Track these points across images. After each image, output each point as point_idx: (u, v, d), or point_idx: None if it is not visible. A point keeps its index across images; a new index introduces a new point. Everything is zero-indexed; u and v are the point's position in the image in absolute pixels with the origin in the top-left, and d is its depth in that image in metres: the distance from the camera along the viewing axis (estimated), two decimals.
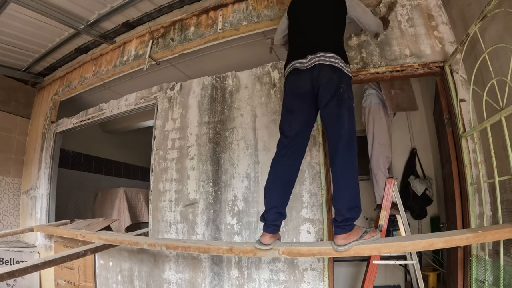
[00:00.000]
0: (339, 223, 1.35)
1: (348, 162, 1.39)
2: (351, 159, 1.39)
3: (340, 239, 1.35)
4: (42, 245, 3.38)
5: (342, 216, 1.34)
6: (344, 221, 1.34)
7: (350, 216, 1.34)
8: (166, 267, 2.46)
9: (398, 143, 3.47)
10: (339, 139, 1.40)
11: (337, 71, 1.47)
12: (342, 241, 1.35)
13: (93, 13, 2.96)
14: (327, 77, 1.45)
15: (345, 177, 1.38)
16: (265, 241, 1.47)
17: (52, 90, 3.96)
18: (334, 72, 1.46)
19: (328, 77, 1.45)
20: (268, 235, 1.48)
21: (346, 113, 1.42)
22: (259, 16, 2.55)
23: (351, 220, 1.35)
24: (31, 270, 1.83)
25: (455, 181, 1.99)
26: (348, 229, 1.35)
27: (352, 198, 1.37)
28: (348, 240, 1.35)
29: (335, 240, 1.37)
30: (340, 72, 1.47)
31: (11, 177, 3.86)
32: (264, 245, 1.47)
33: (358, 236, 1.37)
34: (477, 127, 1.62)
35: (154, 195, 2.66)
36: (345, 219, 1.34)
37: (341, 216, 1.35)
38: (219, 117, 2.52)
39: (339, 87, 1.44)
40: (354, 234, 1.36)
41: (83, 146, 4.79)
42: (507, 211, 1.52)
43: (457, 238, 1.34)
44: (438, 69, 2.03)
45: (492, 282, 1.49)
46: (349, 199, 1.36)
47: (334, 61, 1.46)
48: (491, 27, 1.61)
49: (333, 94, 1.44)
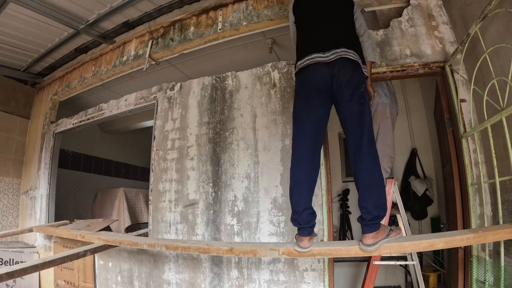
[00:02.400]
0: (367, 222, 1.33)
1: (373, 160, 1.38)
2: (375, 157, 1.38)
3: (369, 238, 1.33)
4: (41, 245, 3.37)
5: (371, 215, 1.32)
6: (372, 220, 1.32)
7: (378, 214, 1.32)
8: (166, 268, 2.45)
9: (399, 143, 3.46)
10: (362, 138, 1.39)
11: (358, 70, 1.46)
12: (371, 240, 1.33)
13: (93, 13, 2.95)
14: (348, 74, 1.44)
15: (372, 175, 1.36)
16: (304, 244, 1.43)
17: (52, 90, 3.96)
18: (355, 70, 1.45)
19: (350, 75, 1.44)
20: (306, 238, 1.43)
21: (367, 111, 1.42)
22: (259, 16, 2.54)
23: (379, 218, 1.33)
24: (31, 270, 1.83)
25: (455, 182, 1.98)
26: (376, 227, 1.33)
27: (380, 196, 1.35)
28: (377, 238, 1.33)
29: (363, 240, 1.35)
30: (360, 72, 1.47)
31: (11, 178, 3.85)
32: (305, 248, 1.43)
33: (385, 234, 1.35)
34: (477, 127, 1.62)
35: (153, 195, 2.66)
36: (374, 217, 1.32)
37: (369, 214, 1.32)
38: (219, 117, 2.51)
39: (359, 86, 1.44)
40: (381, 232, 1.35)
41: (83, 146, 4.78)
42: (508, 212, 1.52)
43: (457, 239, 1.34)
44: (438, 69, 2.02)
45: (493, 283, 1.49)
46: (377, 197, 1.34)
47: (357, 59, 1.46)
48: (492, 27, 1.61)
49: (355, 92, 1.42)
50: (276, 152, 2.23)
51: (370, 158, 1.37)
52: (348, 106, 1.44)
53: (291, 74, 2.33)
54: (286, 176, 2.16)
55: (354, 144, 1.41)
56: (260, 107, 2.38)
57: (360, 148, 1.38)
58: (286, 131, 2.23)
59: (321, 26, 1.61)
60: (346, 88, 1.43)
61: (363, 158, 1.37)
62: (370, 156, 1.37)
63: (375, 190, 1.35)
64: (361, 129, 1.40)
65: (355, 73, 1.45)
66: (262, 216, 2.18)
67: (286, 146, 2.21)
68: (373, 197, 1.34)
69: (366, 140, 1.38)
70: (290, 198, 1.46)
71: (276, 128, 2.27)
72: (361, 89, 1.44)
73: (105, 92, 3.93)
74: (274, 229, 2.13)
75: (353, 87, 1.43)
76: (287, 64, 2.36)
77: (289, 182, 1.48)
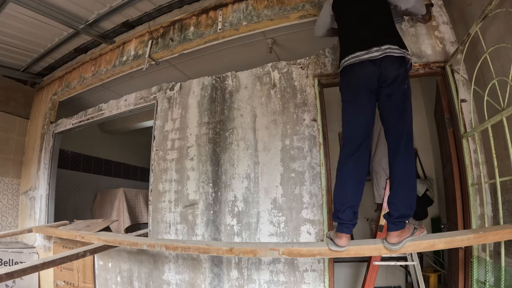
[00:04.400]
0: (394, 219, 1.33)
1: (409, 158, 1.39)
2: (411, 156, 1.40)
3: (394, 236, 1.33)
4: (41, 246, 3.37)
5: (399, 212, 1.33)
6: (399, 217, 1.33)
7: (406, 213, 1.33)
8: (166, 268, 2.45)
9: None
10: (401, 135, 1.40)
11: (403, 66, 1.46)
12: (396, 239, 1.33)
13: (93, 13, 2.95)
14: (394, 71, 1.44)
15: (407, 173, 1.37)
16: (342, 243, 1.40)
17: (51, 90, 3.95)
18: (400, 66, 1.46)
19: (396, 72, 1.44)
20: (346, 236, 1.41)
21: (409, 108, 1.43)
22: (259, 16, 2.54)
23: (407, 217, 1.34)
24: (30, 271, 1.82)
25: (456, 182, 1.98)
26: (402, 225, 1.34)
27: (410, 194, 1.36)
28: (402, 237, 1.33)
29: (388, 238, 1.35)
30: (404, 68, 1.47)
31: (10, 178, 3.84)
32: (342, 247, 1.41)
33: (410, 232, 1.36)
34: (478, 127, 1.62)
35: (153, 195, 2.65)
36: (401, 215, 1.32)
37: (397, 211, 1.33)
38: (219, 118, 2.51)
39: (403, 83, 1.44)
40: (406, 231, 1.35)
41: (82, 146, 4.78)
42: (508, 212, 1.51)
43: (458, 239, 1.34)
44: (439, 69, 2.02)
45: (493, 283, 1.48)
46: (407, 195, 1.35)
47: (402, 52, 1.47)
48: (492, 27, 1.61)
49: (398, 89, 1.43)
50: (276, 153, 2.23)
51: (407, 156, 1.39)
52: (390, 102, 1.45)
53: (291, 74, 2.32)
54: (286, 177, 2.16)
55: (392, 141, 1.43)
56: (260, 107, 2.37)
57: (399, 146, 1.39)
58: (286, 131, 2.23)
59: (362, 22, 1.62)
60: (390, 85, 1.44)
61: (400, 155, 1.38)
62: (407, 155, 1.39)
63: (406, 188, 1.36)
64: (402, 127, 1.41)
65: (400, 69, 1.46)
66: (262, 216, 2.18)
67: (286, 146, 2.20)
68: (403, 194, 1.35)
69: (407, 138, 1.39)
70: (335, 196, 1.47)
71: (276, 128, 2.27)
72: (405, 85, 1.44)
73: (105, 92, 3.92)
74: (274, 230, 2.13)
75: (397, 84, 1.44)
76: (287, 64, 2.36)
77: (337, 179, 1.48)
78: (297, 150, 2.17)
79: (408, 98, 1.44)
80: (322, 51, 2.29)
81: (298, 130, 2.20)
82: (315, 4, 2.33)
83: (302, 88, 2.27)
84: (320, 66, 2.26)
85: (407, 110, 1.43)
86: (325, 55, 2.27)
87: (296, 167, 2.14)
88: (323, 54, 2.28)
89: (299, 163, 2.14)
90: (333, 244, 1.42)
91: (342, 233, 1.41)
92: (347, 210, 1.42)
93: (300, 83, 2.28)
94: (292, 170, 2.15)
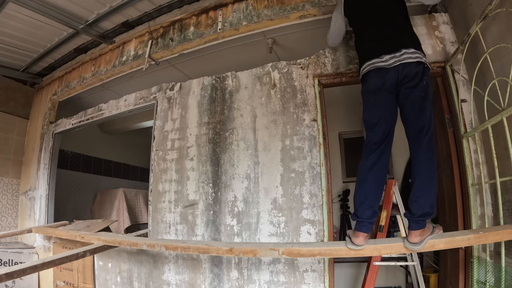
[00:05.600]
0: (417, 218, 1.33)
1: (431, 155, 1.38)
2: (434, 152, 1.39)
3: (416, 235, 1.33)
4: (40, 246, 3.36)
5: (422, 210, 1.32)
6: (422, 216, 1.32)
7: (429, 211, 1.32)
8: (166, 268, 2.44)
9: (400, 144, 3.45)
10: (421, 132, 1.40)
11: (421, 65, 1.46)
12: (418, 238, 1.32)
13: (92, 13, 2.95)
14: (412, 72, 1.45)
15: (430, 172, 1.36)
16: (359, 242, 1.39)
17: (51, 91, 3.95)
18: (417, 66, 1.46)
19: (414, 73, 1.45)
20: (363, 235, 1.40)
21: (429, 105, 1.43)
22: (259, 16, 2.54)
23: (429, 215, 1.33)
24: (30, 271, 1.82)
25: (456, 182, 1.98)
26: (423, 224, 1.34)
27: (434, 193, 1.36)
28: (423, 236, 1.33)
29: (409, 237, 1.35)
30: (423, 66, 1.47)
31: (10, 178, 3.84)
32: (358, 246, 1.40)
33: (430, 231, 1.36)
34: (478, 127, 1.62)
35: (153, 196, 2.65)
36: (424, 213, 1.32)
37: (420, 209, 1.32)
38: (219, 118, 2.50)
39: (422, 80, 1.44)
40: (426, 230, 1.35)
41: (82, 146, 4.77)
42: (509, 212, 1.51)
43: (458, 239, 1.34)
44: (439, 69, 2.02)
45: (494, 284, 1.48)
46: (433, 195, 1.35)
47: (418, 56, 1.47)
48: (493, 27, 1.60)
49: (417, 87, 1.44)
50: (276, 153, 2.22)
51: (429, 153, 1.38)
52: (409, 99, 1.45)
53: (291, 74, 2.32)
54: (286, 177, 2.16)
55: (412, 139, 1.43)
56: (260, 107, 2.37)
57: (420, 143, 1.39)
58: (286, 132, 2.23)
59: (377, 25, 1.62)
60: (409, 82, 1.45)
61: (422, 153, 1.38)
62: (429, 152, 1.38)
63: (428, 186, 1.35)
64: (422, 124, 1.41)
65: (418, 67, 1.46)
66: (262, 216, 2.18)
67: (286, 147, 2.20)
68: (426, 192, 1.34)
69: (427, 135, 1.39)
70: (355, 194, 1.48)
71: (276, 129, 2.27)
72: (424, 81, 1.45)
73: (105, 92, 3.92)
74: (274, 230, 2.13)
75: (418, 80, 1.44)
76: (287, 64, 2.36)
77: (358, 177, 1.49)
78: (297, 150, 2.17)
79: (427, 94, 1.44)
80: (322, 51, 2.29)
81: (298, 130, 2.20)
82: (315, 4, 2.33)
83: (302, 88, 2.26)
84: (320, 66, 2.26)
85: (427, 107, 1.43)
86: (325, 55, 2.27)
87: (296, 167, 2.14)
88: (323, 54, 2.28)
89: (299, 163, 2.14)
90: (351, 242, 1.42)
91: (359, 232, 1.41)
92: (365, 208, 1.42)
93: (300, 83, 2.28)
94: (292, 170, 2.15)
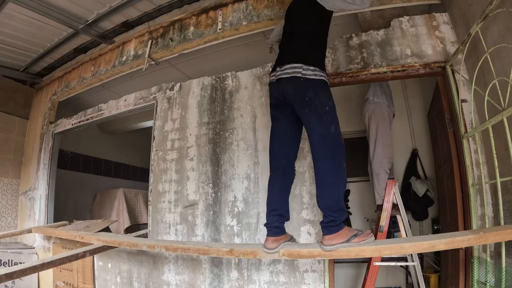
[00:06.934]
0: (325, 224, 1.38)
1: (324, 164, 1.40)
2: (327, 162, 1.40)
3: (326, 239, 1.37)
4: (40, 246, 3.36)
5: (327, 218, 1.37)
6: (329, 223, 1.36)
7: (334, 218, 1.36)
8: (166, 269, 2.44)
9: (399, 144, 3.46)
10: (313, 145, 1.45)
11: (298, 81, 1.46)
12: (327, 242, 1.37)
13: (92, 13, 2.94)
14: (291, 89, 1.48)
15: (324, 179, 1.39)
16: (267, 245, 1.47)
17: (51, 91, 3.94)
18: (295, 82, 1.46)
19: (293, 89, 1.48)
20: (270, 239, 1.48)
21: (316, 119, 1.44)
22: (259, 16, 2.54)
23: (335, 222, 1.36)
24: (30, 271, 1.81)
25: (456, 182, 1.98)
26: (333, 230, 1.36)
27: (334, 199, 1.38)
28: (333, 241, 1.36)
29: (322, 240, 1.40)
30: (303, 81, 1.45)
31: (9, 178, 3.83)
32: (268, 249, 1.47)
33: (346, 238, 1.36)
34: (478, 127, 1.61)
35: (153, 196, 2.65)
36: (330, 220, 1.36)
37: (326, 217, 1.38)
38: (219, 118, 2.50)
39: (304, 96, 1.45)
40: (341, 235, 1.36)
41: (82, 147, 4.77)
42: (509, 212, 1.51)
43: (458, 240, 1.33)
44: (439, 69, 2.02)
45: (494, 284, 1.48)
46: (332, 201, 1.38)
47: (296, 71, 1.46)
48: (493, 27, 1.60)
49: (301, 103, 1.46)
50: None
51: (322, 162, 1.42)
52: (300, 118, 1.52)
53: None
54: None
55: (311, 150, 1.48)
56: (260, 107, 2.37)
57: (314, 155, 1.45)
58: None
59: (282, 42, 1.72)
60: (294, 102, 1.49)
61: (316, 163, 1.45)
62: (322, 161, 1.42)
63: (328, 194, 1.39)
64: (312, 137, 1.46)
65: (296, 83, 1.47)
66: (262, 217, 2.17)
67: None
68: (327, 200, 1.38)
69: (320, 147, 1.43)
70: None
71: None
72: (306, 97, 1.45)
73: (105, 92, 3.92)
74: None
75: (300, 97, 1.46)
76: None
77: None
78: None
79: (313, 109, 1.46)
80: None
81: None
82: None
83: None
84: None
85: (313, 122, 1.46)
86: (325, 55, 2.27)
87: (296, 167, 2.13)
88: None
89: (299, 163, 2.13)
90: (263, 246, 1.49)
91: (267, 236, 1.49)
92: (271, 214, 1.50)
93: None
94: None
